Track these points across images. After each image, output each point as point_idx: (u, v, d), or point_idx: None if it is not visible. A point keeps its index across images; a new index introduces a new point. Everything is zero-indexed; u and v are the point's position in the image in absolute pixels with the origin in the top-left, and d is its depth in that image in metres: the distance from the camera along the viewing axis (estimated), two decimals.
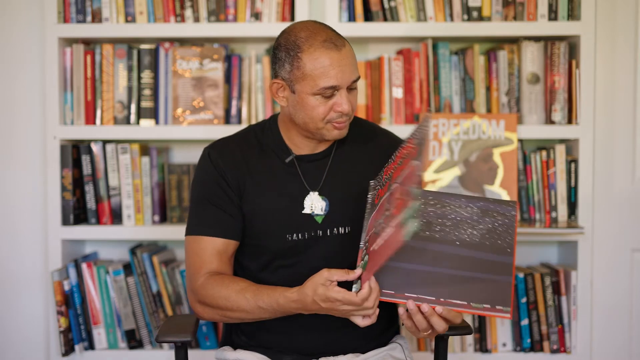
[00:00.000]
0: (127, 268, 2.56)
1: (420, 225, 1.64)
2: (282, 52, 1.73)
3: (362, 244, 1.58)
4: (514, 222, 1.65)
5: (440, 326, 1.59)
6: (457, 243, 1.63)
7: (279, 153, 1.83)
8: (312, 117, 1.73)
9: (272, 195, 1.80)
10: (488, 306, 1.57)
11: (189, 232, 1.83)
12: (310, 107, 1.72)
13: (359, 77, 1.75)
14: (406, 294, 1.59)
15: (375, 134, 1.94)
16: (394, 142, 1.90)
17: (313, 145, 1.83)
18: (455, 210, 1.68)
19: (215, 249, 1.80)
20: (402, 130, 2.49)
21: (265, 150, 1.84)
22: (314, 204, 1.81)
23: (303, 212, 1.80)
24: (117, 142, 2.56)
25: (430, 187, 2.47)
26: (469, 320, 2.51)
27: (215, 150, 1.86)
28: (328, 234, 1.80)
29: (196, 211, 1.83)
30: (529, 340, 2.53)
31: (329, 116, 1.73)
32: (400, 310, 1.62)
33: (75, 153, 2.54)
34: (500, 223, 1.65)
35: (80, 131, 2.54)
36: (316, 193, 1.81)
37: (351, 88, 1.74)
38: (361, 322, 1.60)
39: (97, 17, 2.52)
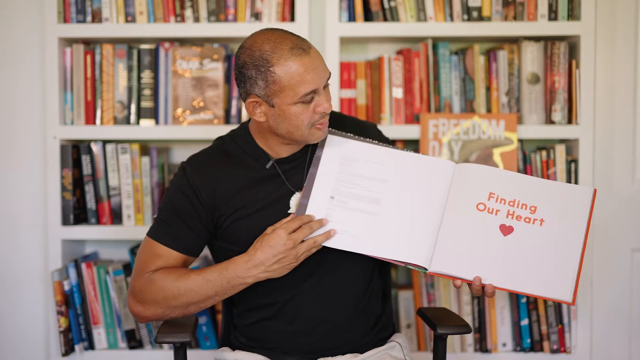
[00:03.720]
0: (127, 268, 2.56)
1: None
2: (251, 69, 1.70)
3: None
4: None
5: None
6: None
7: (259, 159, 1.83)
8: (297, 125, 1.73)
9: (258, 203, 1.80)
10: None
11: (150, 234, 1.84)
12: (294, 117, 1.72)
13: (330, 74, 1.75)
14: None
15: (344, 122, 1.96)
16: (362, 126, 1.96)
17: (291, 147, 1.84)
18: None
19: (170, 259, 1.82)
20: (403, 130, 2.50)
21: (243, 159, 1.84)
22: None
23: (289, 211, 1.80)
24: (117, 142, 2.56)
25: None
26: (469, 319, 2.51)
27: (191, 165, 1.86)
28: None
29: (163, 218, 1.84)
30: (529, 340, 2.53)
31: (312, 119, 1.73)
32: None
33: (75, 153, 2.54)
34: None
35: (80, 131, 2.54)
36: (300, 192, 1.81)
37: (325, 86, 1.75)
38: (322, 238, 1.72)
39: (97, 17, 2.52)
